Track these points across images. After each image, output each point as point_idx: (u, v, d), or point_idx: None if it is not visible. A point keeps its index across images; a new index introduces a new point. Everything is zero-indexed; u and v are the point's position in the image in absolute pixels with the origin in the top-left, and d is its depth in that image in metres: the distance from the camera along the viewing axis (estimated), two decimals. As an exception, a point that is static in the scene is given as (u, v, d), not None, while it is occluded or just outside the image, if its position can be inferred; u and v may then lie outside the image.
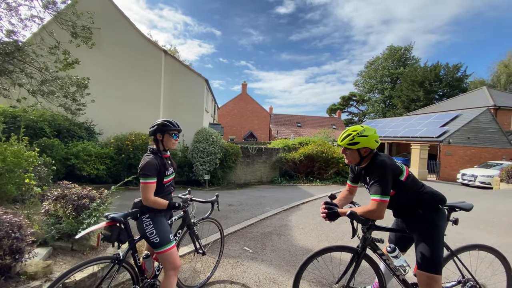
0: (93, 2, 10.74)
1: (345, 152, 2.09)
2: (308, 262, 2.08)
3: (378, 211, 1.83)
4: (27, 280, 2.36)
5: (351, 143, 2.00)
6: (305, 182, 11.85)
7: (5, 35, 5.38)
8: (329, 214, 1.97)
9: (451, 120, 18.43)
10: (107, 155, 9.01)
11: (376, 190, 1.85)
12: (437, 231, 1.95)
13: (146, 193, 2.05)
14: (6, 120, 6.73)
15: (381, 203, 1.83)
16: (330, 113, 49.74)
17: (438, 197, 2.02)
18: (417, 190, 2.02)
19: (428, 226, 1.97)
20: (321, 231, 4.99)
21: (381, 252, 2.08)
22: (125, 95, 11.43)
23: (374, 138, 1.99)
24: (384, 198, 1.83)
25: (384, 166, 1.90)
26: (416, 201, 2.01)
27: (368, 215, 1.87)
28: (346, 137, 2.04)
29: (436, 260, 1.88)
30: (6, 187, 3.72)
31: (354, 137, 1.99)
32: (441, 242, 1.95)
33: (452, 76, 32.96)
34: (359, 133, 1.99)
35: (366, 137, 1.97)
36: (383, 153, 2.07)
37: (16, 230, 2.36)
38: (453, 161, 16.63)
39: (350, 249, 2.12)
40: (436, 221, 1.97)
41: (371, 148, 2.00)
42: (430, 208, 2.00)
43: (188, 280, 3.02)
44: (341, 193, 2.37)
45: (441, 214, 2.01)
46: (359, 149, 2.01)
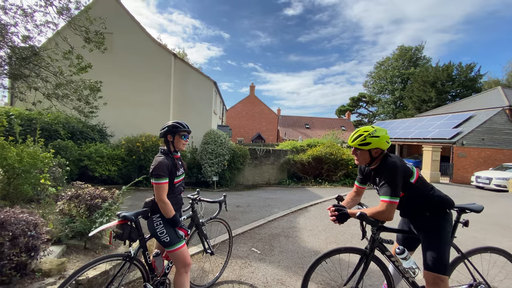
0: (106, 8, 11.06)
1: (356, 153, 2.07)
2: (316, 264, 2.07)
3: (387, 212, 1.82)
4: (41, 277, 2.44)
5: (362, 144, 1.99)
6: (314, 184, 11.76)
7: (21, 41, 5.59)
8: (338, 216, 1.95)
9: (464, 121, 17.95)
10: (119, 157, 9.21)
11: (386, 192, 1.84)
12: (443, 232, 1.95)
13: (160, 193, 2.09)
14: (22, 123, 6.98)
15: (391, 205, 1.82)
16: (339, 115, 49.25)
17: (447, 201, 2.01)
18: (427, 193, 2.01)
19: (434, 228, 1.97)
20: (329, 233, 4.95)
21: (390, 254, 2.07)
22: (136, 98, 11.68)
23: (386, 139, 1.98)
24: (393, 200, 1.82)
25: (395, 167, 1.88)
26: (424, 203, 2.00)
27: (377, 216, 1.87)
28: (358, 138, 2.02)
29: (443, 261, 1.87)
30: (23, 187, 3.86)
31: (365, 138, 1.98)
32: (447, 243, 1.94)
33: (465, 76, 32.11)
34: (370, 134, 1.98)
35: (377, 138, 1.96)
36: (394, 154, 2.05)
37: (32, 229, 2.45)
38: (466, 163, 16.18)
39: (359, 250, 2.10)
40: (442, 223, 1.97)
41: (382, 149, 1.99)
42: (438, 211, 1.99)
43: (197, 279, 3.05)
44: (348, 194, 2.36)
45: (447, 217, 2.01)
46: (370, 150, 1.99)
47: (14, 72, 5.61)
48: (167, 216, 2.13)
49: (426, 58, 41.09)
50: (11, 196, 3.86)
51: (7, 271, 2.19)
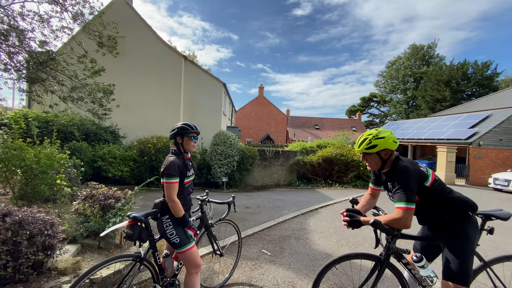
0: (118, 12, 11.33)
1: (366, 158, 2.02)
2: (327, 269, 2.01)
3: (403, 220, 1.72)
4: (57, 276, 2.50)
5: (369, 147, 1.94)
6: (324, 186, 11.62)
7: (38, 46, 5.80)
8: (351, 222, 1.88)
9: (481, 121, 17.34)
10: (131, 158, 9.39)
11: (400, 197, 1.75)
12: (467, 240, 1.82)
13: (170, 193, 2.11)
14: (39, 125, 7.22)
15: (407, 211, 1.72)
16: (349, 115, 48.55)
17: (468, 203, 1.89)
18: (445, 196, 1.90)
19: (456, 234, 1.85)
20: (341, 236, 4.87)
21: (406, 261, 1.97)
22: (147, 99, 11.90)
23: (392, 139, 1.93)
24: (410, 206, 1.72)
25: (407, 171, 1.81)
26: (443, 207, 1.89)
27: (393, 224, 1.77)
28: (363, 142, 1.98)
29: (465, 271, 1.75)
30: (40, 187, 3.98)
31: (371, 141, 1.93)
32: (471, 252, 1.82)
33: (481, 74, 31.02)
34: (375, 136, 1.94)
35: (383, 139, 1.91)
36: (405, 158, 1.98)
37: (49, 228, 2.52)
38: (483, 165, 15.62)
39: (373, 257, 2.01)
40: (465, 229, 1.84)
41: (391, 149, 1.93)
42: (459, 214, 1.88)
43: (207, 280, 3.06)
44: (363, 197, 2.27)
45: (471, 222, 1.88)
46: (378, 152, 1.94)
47: (32, 76, 5.82)
48: (177, 216, 2.14)
49: (440, 56, 39.97)
50: (29, 196, 4.00)
51: (24, 269, 2.25)
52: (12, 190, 3.91)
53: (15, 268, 2.21)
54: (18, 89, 5.98)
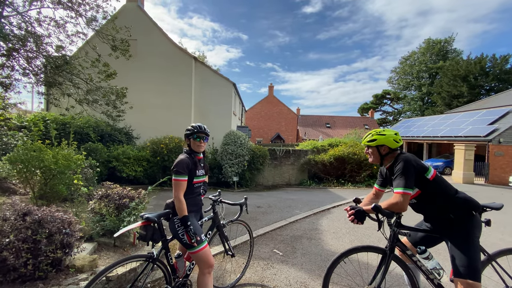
0: (130, 16, 11.58)
1: (368, 151, 2.24)
2: (335, 263, 2.07)
3: (400, 203, 1.85)
4: (75, 273, 2.58)
5: (370, 140, 2.18)
6: (336, 185, 11.46)
7: (55, 50, 6.00)
8: (355, 214, 1.96)
9: (501, 117, 16.59)
10: (144, 158, 9.58)
11: (399, 183, 1.89)
12: (471, 236, 1.89)
13: (176, 190, 2.15)
14: (57, 127, 7.48)
15: (404, 195, 1.85)
16: (361, 113, 47.62)
17: (471, 202, 1.97)
18: (448, 194, 1.99)
19: (461, 231, 1.92)
20: (354, 236, 4.78)
21: (411, 253, 2.04)
22: (159, 101, 12.10)
23: (393, 138, 2.11)
24: (406, 191, 1.86)
25: (405, 160, 1.96)
26: (447, 205, 1.98)
27: (391, 208, 1.89)
28: (367, 136, 2.23)
29: (474, 266, 1.79)
30: (58, 187, 4.12)
31: (372, 135, 2.18)
32: (477, 247, 1.88)
33: (500, 68, 29.66)
34: (378, 132, 2.18)
35: (383, 136, 2.12)
36: (407, 153, 2.12)
37: (67, 226, 2.60)
38: (504, 163, 14.93)
39: (378, 249, 2.08)
40: (470, 227, 1.91)
41: (390, 147, 2.11)
42: (463, 212, 1.94)
43: (219, 280, 3.07)
44: (366, 196, 2.39)
45: (475, 221, 1.94)
46: (378, 147, 2.15)
47: (49, 80, 6.04)
48: (180, 215, 2.13)
49: (457, 51, 38.46)
50: (47, 196, 4.14)
51: (43, 267, 2.34)
52: (32, 190, 4.07)
53: (35, 265, 2.29)
54: (37, 92, 6.23)
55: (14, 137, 5.51)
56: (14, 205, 2.63)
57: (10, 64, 5.45)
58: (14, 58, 5.48)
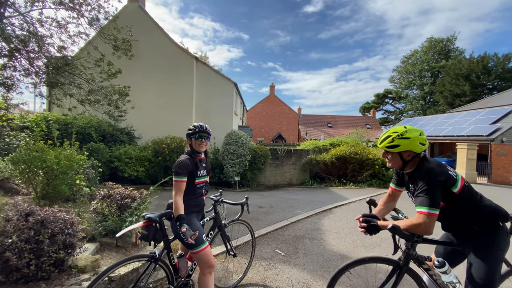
0: (131, 16, 11.60)
1: (387, 156, 1.90)
2: (341, 273, 1.92)
3: (424, 226, 1.59)
4: (77, 273, 2.58)
5: (390, 146, 1.81)
6: (338, 185, 11.43)
7: (57, 51, 6.01)
8: (368, 228, 1.78)
9: (503, 116, 16.49)
10: (146, 158, 9.59)
11: (422, 201, 1.62)
12: (495, 251, 1.69)
13: (175, 190, 2.16)
14: (59, 127, 7.51)
15: (429, 217, 1.58)
16: (363, 112, 47.48)
17: (499, 212, 1.73)
18: (474, 205, 1.74)
19: (485, 246, 1.71)
20: (356, 236, 4.76)
21: (427, 267, 1.85)
22: (161, 101, 12.12)
23: (419, 141, 1.76)
24: (432, 211, 1.59)
25: (432, 174, 1.67)
26: (471, 216, 1.74)
27: (413, 230, 1.64)
28: (385, 139, 1.85)
29: (491, 279, 1.65)
30: (60, 187, 4.13)
31: (393, 139, 1.79)
32: (499, 262, 1.70)
33: (502, 67, 29.48)
34: (400, 135, 1.78)
35: (408, 139, 1.76)
36: (433, 159, 1.82)
37: (69, 227, 2.60)
38: (507, 162, 14.84)
39: (391, 261, 1.89)
40: (495, 240, 1.70)
41: (415, 152, 1.78)
42: (489, 225, 1.72)
43: (221, 280, 3.07)
44: (381, 199, 2.12)
45: (502, 231, 1.73)
46: (400, 153, 1.80)
47: (51, 81, 6.05)
48: (175, 213, 2.12)
49: (459, 49, 38.27)
50: (50, 196, 4.15)
51: (46, 267, 2.34)
52: (34, 190, 4.08)
53: (38, 266, 2.29)
54: (39, 93, 6.22)
55: (16, 137, 5.53)
56: (16, 205, 2.64)
57: (12, 64, 5.46)
58: (16, 58, 5.49)
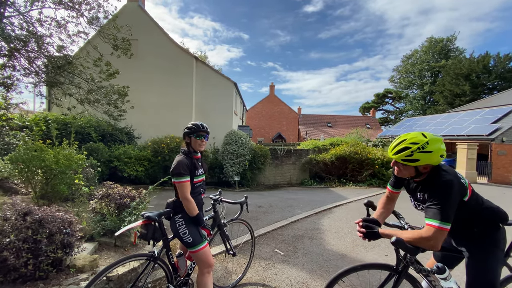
0: (131, 15, 11.58)
1: (397, 166, 1.71)
2: (338, 279, 1.85)
3: (434, 240, 1.47)
4: (75, 273, 2.57)
5: (407, 160, 1.60)
6: (337, 185, 11.42)
7: (56, 50, 6.00)
8: (367, 234, 1.71)
9: (504, 116, 16.48)
10: (145, 158, 9.59)
11: (435, 214, 1.49)
12: (494, 252, 1.68)
13: (183, 191, 2.13)
14: (58, 127, 7.50)
15: (440, 232, 1.46)
16: (363, 112, 47.47)
17: (500, 214, 1.72)
18: (477, 209, 1.70)
19: (484, 247, 1.70)
20: (356, 236, 4.75)
21: (426, 273, 1.80)
22: (160, 100, 12.11)
23: (440, 153, 1.57)
24: (444, 226, 1.46)
25: (451, 187, 1.52)
26: (472, 218, 1.72)
27: (420, 243, 1.51)
28: (402, 151, 1.62)
29: (491, 281, 1.63)
30: (59, 187, 4.13)
31: (413, 153, 1.57)
32: (499, 264, 1.69)
33: (503, 67, 29.48)
34: (421, 148, 1.55)
35: (429, 153, 1.55)
36: (449, 167, 1.66)
37: (67, 226, 2.60)
38: (507, 162, 14.83)
39: (388, 267, 1.84)
40: (493, 241, 1.70)
41: (432, 165, 1.63)
42: (488, 226, 1.72)
43: (220, 279, 3.06)
44: (379, 201, 2.04)
45: (501, 233, 1.73)
46: (417, 166, 1.63)
47: (51, 80, 6.04)
48: (191, 215, 2.14)
49: (459, 49, 38.23)
50: (49, 196, 4.15)
51: (44, 267, 2.33)
52: (33, 190, 4.07)
53: (35, 265, 2.28)
54: (38, 92, 6.22)
55: (15, 137, 5.52)
56: (14, 205, 2.63)
57: (12, 64, 5.45)
58: (16, 58, 5.49)
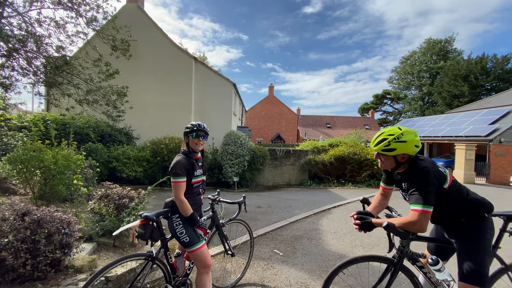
0: (130, 16, 11.59)
1: (379, 158, 1.88)
2: (337, 271, 1.95)
3: (419, 224, 1.62)
4: (74, 273, 2.57)
5: (386, 149, 1.78)
6: (336, 185, 11.43)
7: (55, 51, 5.99)
8: (362, 225, 1.83)
9: (502, 117, 16.55)
10: (144, 158, 9.57)
11: (417, 199, 1.65)
12: (481, 240, 1.74)
13: (177, 191, 2.14)
14: (57, 127, 7.48)
15: (424, 214, 1.62)
16: (362, 113, 47.60)
17: (484, 204, 1.80)
18: (462, 199, 1.81)
19: (471, 236, 1.77)
20: (354, 236, 4.77)
21: (421, 264, 1.89)
22: (159, 101, 12.11)
23: (414, 143, 1.75)
24: (427, 209, 1.62)
25: (427, 173, 1.68)
26: (458, 210, 1.81)
27: (407, 227, 1.66)
28: (381, 142, 1.81)
29: (481, 272, 1.68)
30: (58, 187, 4.12)
31: (390, 143, 1.76)
32: (487, 253, 1.74)
33: (501, 68, 29.61)
34: (396, 138, 1.75)
35: (404, 143, 1.73)
36: (425, 157, 1.83)
37: (66, 226, 2.59)
38: (505, 162, 14.88)
39: (385, 259, 1.93)
40: (480, 230, 1.77)
41: (409, 154, 1.79)
42: (474, 216, 1.80)
43: (219, 280, 3.06)
44: (374, 197, 2.17)
45: (488, 223, 1.80)
46: (395, 156, 1.79)
47: (49, 80, 6.03)
48: (185, 215, 2.15)
49: (457, 50, 38.36)
50: (47, 196, 4.14)
51: (42, 267, 2.32)
52: (32, 190, 4.06)
53: (34, 266, 2.28)
54: (37, 93, 6.20)
55: (14, 137, 5.51)
56: (13, 205, 2.62)
57: (10, 64, 5.44)
58: (15, 58, 5.48)
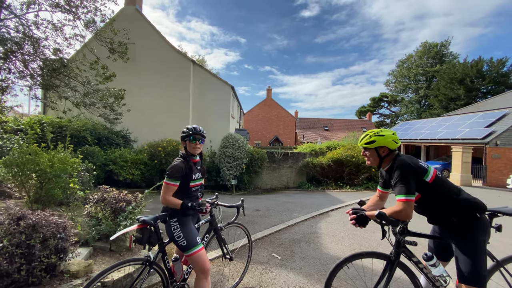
0: (128, 19, 11.60)
1: (365, 153, 2.13)
2: (338, 269, 2.04)
3: (404, 211, 1.79)
4: (69, 279, 2.52)
5: (368, 142, 2.07)
6: (334, 188, 11.44)
7: (52, 53, 5.97)
8: (357, 218, 1.94)
9: (497, 120, 16.71)
10: (141, 161, 9.52)
11: (400, 190, 1.82)
12: (476, 239, 1.80)
13: (164, 192, 2.14)
14: (54, 130, 7.43)
15: (407, 203, 1.78)
16: (359, 116, 47.82)
17: (476, 204, 1.85)
18: (450, 196, 1.89)
19: (465, 236, 1.83)
20: (353, 239, 4.75)
21: (417, 260, 1.96)
22: (157, 104, 12.09)
23: (391, 138, 2.02)
24: (409, 197, 1.79)
25: (403, 165, 1.88)
26: (449, 208, 1.89)
27: (396, 216, 1.82)
28: (364, 138, 2.12)
29: (479, 272, 1.73)
30: (54, 191, 4.07)
31: (370, 137, 2.06)
32: (483, 252, 1.79)
33: (496, 71, 29.98)
34: (375, 133, 2.07)
35: (382, 137, 2.02)
36: (404, 154, 2.05)
37: (61, 231, 2.55)
38: (501, 165, 14.98)
39: (383, 255, 2.02)
40: (473, 230, 1.82)
41: (389, 148, 2.02)
42: (465, 216, 1.85)
43: (217, 284, 3.03)
44: (370, 199, 2.30)
45: (480, 222, 1.84)
46: (376, 149, 2.05)
47: (46, 83, 5.99)
48: (177, 207, 2.13)
49: (453, 54, 38.82)
50: (43, 200, 4.08)
51: (37, 272, 2.28)
52: (27, 194, 4.01)
53: (29, 271, 2.24)
54: (34, 95, 6.16)
55: (10, 140, 5.45)
56: (8, 209, 2.58)
57: (7, 67, 5.40)
58: (11, 61, 5.44)
